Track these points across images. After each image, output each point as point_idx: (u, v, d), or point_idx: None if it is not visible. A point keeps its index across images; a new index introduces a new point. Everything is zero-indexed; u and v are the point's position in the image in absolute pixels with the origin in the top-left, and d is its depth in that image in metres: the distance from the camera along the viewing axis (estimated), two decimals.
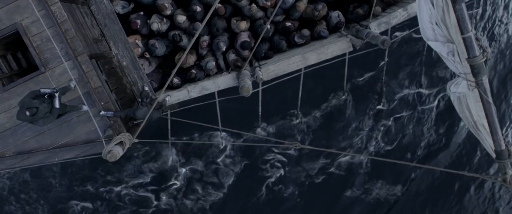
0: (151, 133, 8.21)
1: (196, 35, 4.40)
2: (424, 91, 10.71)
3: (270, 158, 10.61)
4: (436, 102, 10.78)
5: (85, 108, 6.24)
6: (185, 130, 9.72)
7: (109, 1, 7.09)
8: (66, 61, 6.11)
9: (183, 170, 10.56)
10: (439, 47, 3.79)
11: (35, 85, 6.24)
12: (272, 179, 10.77)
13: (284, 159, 10.66)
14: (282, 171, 10.75)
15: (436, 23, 3.70)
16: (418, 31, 7.44)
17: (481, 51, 3.39)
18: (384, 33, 7.07)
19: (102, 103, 6.27)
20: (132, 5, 7.62)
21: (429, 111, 10.89)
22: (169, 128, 8.30)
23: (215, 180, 10.68)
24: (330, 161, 10.84)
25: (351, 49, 6.91)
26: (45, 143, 6.55)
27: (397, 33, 9.19)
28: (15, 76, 6.62)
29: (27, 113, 5.05)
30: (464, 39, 3.35)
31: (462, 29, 3.31)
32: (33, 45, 6.09)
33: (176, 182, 10.60)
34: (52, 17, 5.92)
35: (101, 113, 6.22)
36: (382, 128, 10.77)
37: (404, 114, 10.73)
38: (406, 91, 10.60)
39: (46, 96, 5.42)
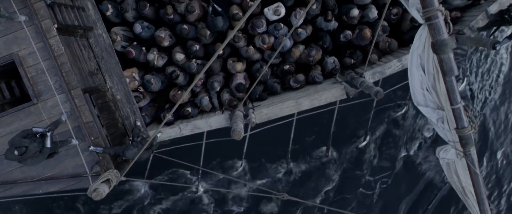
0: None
1: (195, 82, 4.39)
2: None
3: None
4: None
5: (74, 141, 6.18)
6: (165, 166, 9.44)
7: (108, 35, 7.16)
8: (59, 94, 6.11)
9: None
10: (429, 113, 3.81)
11: (26, 115, 6.24)
12: None
13: None
14: None
15: (427, 89, 3.74)
16: None
17: (470, 122, 3.41)
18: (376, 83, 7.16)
19: (92, 138, 6.24)
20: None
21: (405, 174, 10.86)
22: (148, 166, 8.17)
23: None
24: None
25: (345, 97, 6.96)
26: (30, 174, 6.46)
27: None
28: (7, 105, 6.57)
29: (16, 152, 4.98)
30: (453, 110, 3.37)
31: (452, 101, 3.34)
32: (27, 76, 6.11)
33: None
34: (49, 50, 5.96)
35: (90, 148, 6.17)
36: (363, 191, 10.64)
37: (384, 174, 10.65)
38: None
39: (37, 135, 5.37)
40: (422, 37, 3.49)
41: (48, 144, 5.39)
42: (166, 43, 7.53)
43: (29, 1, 5.87)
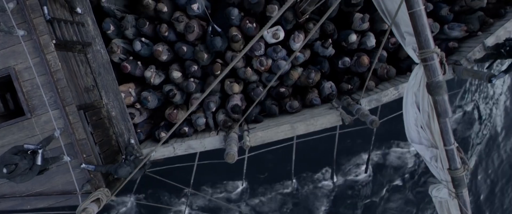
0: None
1: (191, 109, 4.38)
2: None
3: None
4: None
5: (66, 158, 6.12)
6: (155, 185, 9.00)
7: (106, 51, 7.16)
8: (53, 110, 6.07)
9: None
10: (423, 151, 3.79)
11: (19, 130, 6.18)
12: None
13: None
14: None
15: (421, 127, 3.73)
16: None
17: (462, 164, 3.39)
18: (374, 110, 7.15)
19: (84, 155, 6.18)
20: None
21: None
22: (137, 183, 7.96)
23: None
24: None
25: (340, 123, 6.94)
26: (19, 189, 6.38)
27: None
28: (0, 118, 6.51)
29: (4, 170, 4.90)
30: (446, 151, 3.35)
31: (445, 142, 3.33)
32: (22, 90, 6.07)
33: None
34: (46, 65, 5.95)
35: (82, 166, 6.11)
36: None
37: None
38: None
39: (29, 152, 5.31)
40: (417, 76, 3.49)
41: (39, 161, 5.33)
42: (164, 57, 7.53)
43: (29, 17, 5.88)
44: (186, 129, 7.51)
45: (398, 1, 3.56)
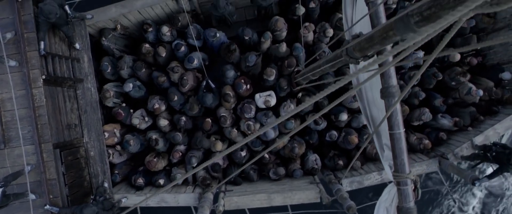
0: None
1: (175, 182, 4.25)
2: None
3: None
4: None
5: (31, 196, 5.92)
6: None
7: (96, 90, 7.11)
8: (28, 145, 5.94)
9: None
10: None
11: None
12: None
13: None
14: None
15: None
16: None
17: None
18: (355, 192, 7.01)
19: (51, 196, 5.99)
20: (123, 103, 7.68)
21: None
22: None
23: None
24: None
25: (318, 201, 6.78)
26: None
27: None
28: None
29: None
30: None
31: None
32: (2, 120, 5.96)
33: None
34: (30, 99, 5.88)
35: (45, 207, 5.90)
36: None
37: None
38: None
39: None
40: (390, 193, 3.42)
41: None
42: (163, 108, 7.49)
43: (24, 49, 5.88)
44: (162, 181, 7.33)
45: (383, 112, 3.53)
